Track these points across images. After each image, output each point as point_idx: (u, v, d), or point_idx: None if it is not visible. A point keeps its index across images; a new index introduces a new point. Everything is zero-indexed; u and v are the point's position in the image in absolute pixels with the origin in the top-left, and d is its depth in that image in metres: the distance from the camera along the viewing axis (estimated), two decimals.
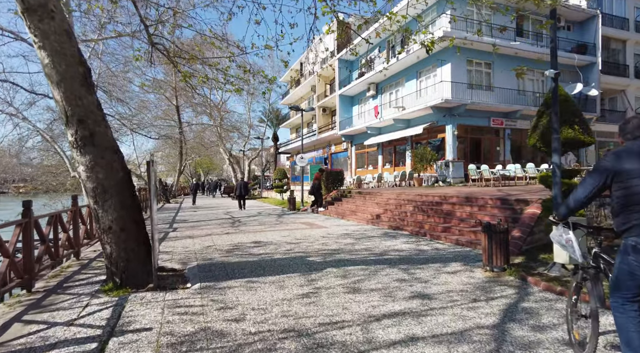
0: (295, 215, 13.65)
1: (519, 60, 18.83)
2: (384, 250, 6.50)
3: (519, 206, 7.09)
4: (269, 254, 6.32)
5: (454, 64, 17.42)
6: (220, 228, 10.04)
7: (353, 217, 11.23)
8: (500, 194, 8.70)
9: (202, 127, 36.89)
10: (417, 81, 19.94)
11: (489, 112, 18.12)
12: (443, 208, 8.76)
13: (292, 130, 43.07)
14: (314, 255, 6.13)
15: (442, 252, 6.30)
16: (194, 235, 8.79)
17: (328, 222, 10.83)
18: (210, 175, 67.44)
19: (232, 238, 8.15)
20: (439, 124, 18.15)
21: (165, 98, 28.62)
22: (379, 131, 23.05)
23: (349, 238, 7.82)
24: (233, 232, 9.20)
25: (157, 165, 48.25)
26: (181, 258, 6.19)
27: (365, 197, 12.72)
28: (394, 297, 3.97)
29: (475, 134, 18.49)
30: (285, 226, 10.21)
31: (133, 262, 4.53)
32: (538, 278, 4.41)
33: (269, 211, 15.74)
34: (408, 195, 10.74)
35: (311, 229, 9.40)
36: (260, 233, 8.85)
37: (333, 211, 12.97)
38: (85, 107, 4.22)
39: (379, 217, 10.16)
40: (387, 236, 7.96)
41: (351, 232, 8.76)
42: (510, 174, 14.47)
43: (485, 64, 18.46)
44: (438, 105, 16.90)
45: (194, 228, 10.36)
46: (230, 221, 12.00)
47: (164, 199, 24.56)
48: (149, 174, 4.47)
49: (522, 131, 19.29)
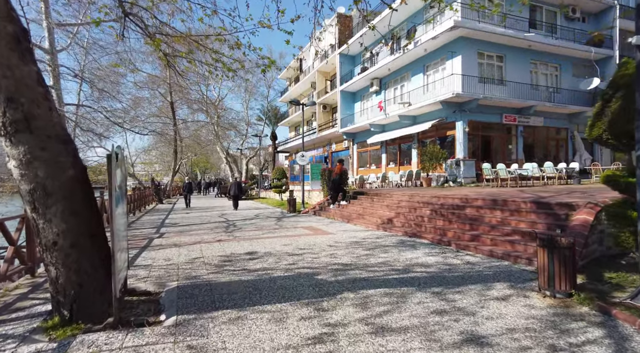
0: (296, 218, 12.53)
1: (532, 53, 17.84)
2: (406, 264, 5.40)
3: (562, 211, 6.00)
4: (268, 270, 5.20)
5: (465, 57, 16.34)
6: (212, 234, 8.92)
7: (361, 221, 10.13)
8: (531, 196, 7.62)
9: (198, 125, 35.72)
10: (424, 75, 18.85)
11: (501, 107, 17.06)
12: (467, 212, 7.67)
13: (291, 128, 41.96)
14: (323, 272, 5.02)
15: (477, 267, 5.20)
16: (181, 243, 7.67)
17: (333, 227, 9.73)
18: (207, 174, 66.25)
19: (224, 248, 7.03)
20: (448, 120, 17.08)
21: (160, 94, 27.45)
22: (382, 128, 21.97)
23: (361, 248, 6.71)
24: (226, 239, 8.08)
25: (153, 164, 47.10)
26: (160, 275, 5.06)
27: (373, 198, 11.62)
28: (440, 342, 2.88)
29: (486, 131, 17.42)
30: (286, 232, 9.10)
31: (87, 288, 3.41)
32: (627, 312, 3.32)
33: (267, 213, 14.62)
34: (422, 197, 9.65)
35: (315, 236, 8.29)
36: (258, 241, 7.73)
37: (337, 214, 11.87)
38: (18, 81, 3.10)
39: (390, 221, 9.06)
40: (405, 246, 6.86)
41: (361, 239, 7.65)
42: (528, 173, 13.40)
43: (497, 57, 17.38)
44: (448, 100, 15.82)
45: (182, 233, 9.24)
46: (224, 225, 10.87)
47: (156, 200, 23.40)
48: (109, 172, 3.36)
49: (535, 128, 18.27)
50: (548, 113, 17.97)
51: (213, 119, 35.33)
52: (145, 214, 15.92)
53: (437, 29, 16.13)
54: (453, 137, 17.14)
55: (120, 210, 3.77)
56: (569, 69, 18.77)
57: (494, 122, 17.24)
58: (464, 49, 16.34)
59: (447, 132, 17.50)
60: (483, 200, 7.73)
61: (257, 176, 36.17)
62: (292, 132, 41.64)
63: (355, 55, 25.83)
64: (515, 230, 6.18)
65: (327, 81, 30.16)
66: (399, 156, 21.36)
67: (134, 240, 8.28)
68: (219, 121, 35.91)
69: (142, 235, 9.10)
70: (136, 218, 13.95)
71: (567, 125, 18.79)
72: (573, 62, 18.81)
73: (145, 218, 13.72)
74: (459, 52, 16.28)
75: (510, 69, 17.41)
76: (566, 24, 18.67)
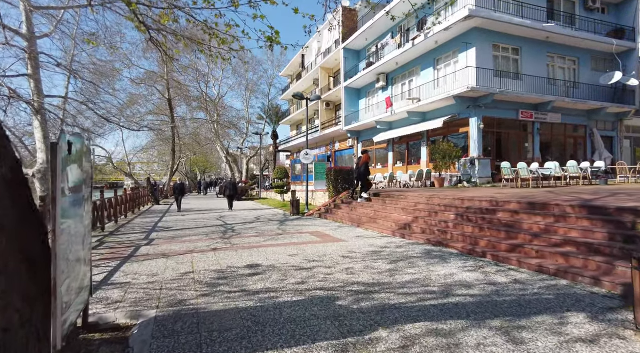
0: (300, 221, 11.53)
1: (549, 46, 16.82)
2: (442, 284, 4.40)
3: (626, 218, 4.99)
4: (272, 292, 4.20)
5: (479, 49, 15.32)
6: (208, 241, 7.92)
7: (373, 225, 9.12)
8: (573, 199, 6.62)
9: (198, 124, 34.73)
10: (435, 70, 17.84)
11: (517, 103, 16.05)
12: (499, 217, 6.66)
13: (293, 127, 41.00)
14: (341, 296, 4.02)
15: (531, 287, 4.20)
16: (171, 253, 6.67)
17: (343, 233, 8.72)
18: (208, 174, 65.30)
19: (220, 259, 6.03)
20: (461, 116, 16.07)
21: (157, 91, 26.47)
22: (389, 126, 20.96)
23: (381, 260, 5.71)
24: (223, 248, 7.08)
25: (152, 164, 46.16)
26: (138, 298, 4.06)
27: (385, 200, 10.61)
28: None
29: (501, 129, 16.40)
30: (290, 238, 8.09)
31: (18, 333, 2.41)
32: None
33: (268, 216, 13.62)
34: (442, 199, 8.64)
35: (324, 244, 7.28)
36: (259, 251, 6.73)
37: (346, 217, 10.86)
38: None
39: (408, 227, 8.05)
40: (432, 257, 5.85)
41: (379, 249, 6.65)
42: (551, 173, 12.39)
43: (513, 50, 16.36)
44: (462, 94, 14.81)
45: (174, 240, 8.23)
46: (221, 230, 9.87)
47: (152, 200, 22.41)
48: (53, 169, 2.37)
49: (552, 126, 17.25)
50: (566, 109, 16.94)
51: (213, 117, 34.35)
52: (139, 216, 14.93)
53: (450, 19, 15.11)
54: (466, 134, 16.12)
55: (74, 223, 2.76)
56: (587, 62, 17.73)
57: (510, 118, 16.23)
58: (479, 41, 15.32)
59: (460, 129, 16.48)
60: (519, 203, 6.72)
61: (258, 176, 35.20)
62: (293, 130, 40.66)
63: (360, 50, 24.83)
64: (567, 240, 5.17)
65: (331, 78, 29.16)
66: (407, 155, 20.35)
67: (118, 249, 7.29)
68: (219, 119, 34.94)
69: (128, 242, 8.10)
70: (127, 221, 12.96)
71: (586, 122, 17.76)
72: (592, 55, 17.78)
73: (137, 221, 12.73)
74: (473, 45, 15.26)
75: (527, 63, 16.39)
76: (585, 15, 17.64)
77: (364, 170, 11.69)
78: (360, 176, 11.81)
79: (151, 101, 26.33)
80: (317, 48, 31.67)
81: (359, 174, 11.81)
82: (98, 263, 5.95)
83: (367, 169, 11.74)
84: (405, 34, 18.84)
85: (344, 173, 13.85)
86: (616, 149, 18.35)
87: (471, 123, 15.62)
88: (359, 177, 11.87)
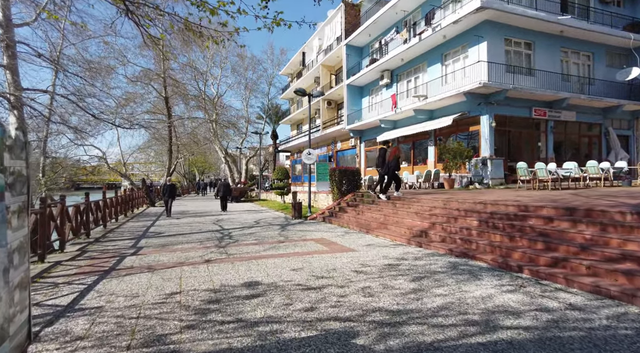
0: (303, 226, 10.71)
1: (563, 40, 16.04)
2: (482, 311, 3.58)
3: None
4: (275, 324, 3.38)
5: (491, 43, 14.53)
6: (201, 250, 7.10)
7: (384, 231, 8.30)
8: (616, 204, 5.81)
9: (196, 123, 33.86)
10: (443, 65, 17.04)
11: (530, 100, 15.26)
12: (532, 224, 5.85)
13: (293, 126, 40.20)
14: (362, 330, 3.21)
15: (596, 316, 3.38)
16: (158, 266, 5.85)
17: (351, 240, 7.91)
18: (207, 174, 64.47)
19: (212, 275, 5.21)
20: (471, 114, 15.27)
21: (154, 89, 25.64)
22: (394, 125, 20.17)
23: (401, 276, 4.89)
24: (217, 259, 6.26)
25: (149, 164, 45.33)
26: (105, 333, 3.24)
27: (396, 204, 9.79)
28: None
29: (513, 127, 15.59)
30: (293, 247, 7.27)
31: None
32: None
33: (268, 219, 12.80)
34: (461, 203, 7.84)
35: (332, 254, 6.46)
36: (258, 263, 5.91)
37: (353, 222, 10.04)
38: None
39: (425, 234, 7.24)
40: (460, 272, 5.04)
41: (396, 261, 5.83)
42: (570, 174, 11.60)
43: (525, 44, 15.58)
44: (473, 91, 14.01)
45: (164, 248, 7.41)
46: (217, 236, 9.05)
47: (148, 202, 21.58)
48: None
49: (566, 124, 16.46)
50: (580, 107, 16.16)
51: (211, 117, 33.52)
52: (131, 219, 14.10)
53: (460, 12, 14.32)
54: (477, 133, 15.33)
55: None
56: (602, 57, 16.95)
57: (522, 116, 15.43)
58: (490, 35, 14.53)
59: (470, 127, 15.68)
60: (555, 209, 5.91)
61: (257, 176, 34.39)
62: (293, 130, 39.86)
63: (363, 47, 24.03)
64: (625, 254, 4.36)
65: (332, 75, 28.38)
66: (413, 155, 19.54)
67: (99, 259, 6.46)
68: (218, 118, 34.10)
69: (112, 251, 7.28)
70: (118, 225, 12.13)
71: (601, 120, 16.97)
72: (607, 50, 17.00)
73: (128, 226, 11.90)
74: (484, 38, 14.46)
75: (540, 58, 15.61)
76: (600, 7, 16.87)
77: (394, 165, 10.16)
78: (389, 172, 10.25)
79: (147, 100, 25.46)
80: (317, 45, 30.88)
81: (388, 169, 10.23)
82: (71, 279, 5.14)
83: (398, 163, 10.34)
84: (412, 28, 18.04)
85: (348, 173, 13.03)
86: (632, 149, 17.57)
87: (482, 121, 14.82)
88: (389, 173, 10.29)
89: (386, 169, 10.25)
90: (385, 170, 10.30)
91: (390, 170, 10.21)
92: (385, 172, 10.34)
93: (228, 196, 17.95)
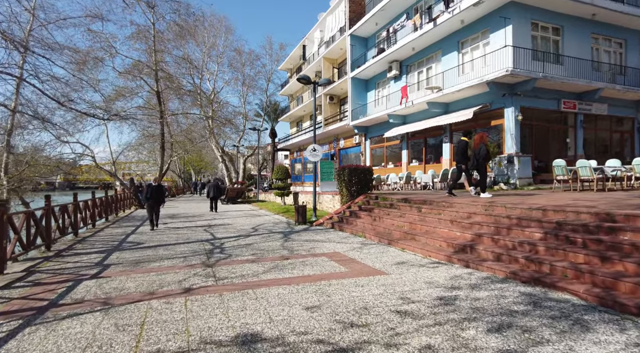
0: (310, 234, 9.11)
1: (594, 25, 14.51)
2: None
3: None
4: None
5: (516, 27, 12.99)
6: (183, 271, 5.50)
7: (411, 244, 6.70)
8: None
9: (191, 120, 32.14)
10: (459, 54, 15.48)
11: (559, 91, 13.74)
12: (631, 240, 4.29)
13: (292, 124, 38.60)
14: None
15: None
16: (118, 299, 4.23)
17: (373, 255, 6.32)
18: (204, 174, 62.73)
19: (190, 319, 3.61)
20: (494, 106, 13.73)
21: (145, 82, 23.94)
22: (403, 120, 18.62)
23: (469, 323, 3.30)
24: (201, 288, 4.66)
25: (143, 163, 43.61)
26: None
27: (421, 208, 8.20)
28: None
29: (539, 121, 14.04)
30: (302, 266, 5.67)
31: None
32: None
33: (268, 225, 11.19)
34: (510, 209, 6.27)
35: (356, 278, 4.87)
36: (257, 295, 4.31)
37: (369, 229, 8.46)
38: None
39: (470, 249, 5.66)
40: (550, 315, 3.46)
41: (447, 291, 4.24)
42: (617, 173, 10.06)
43: (553, 29, 14.04)
44: (497, 80, 12.46)
45: (136, 268, 5.80)
46: (207, 248, 7.44)
47: (136, 204, 19.92)
48: None
49: (596, 118, 14.94)
50: (612, 99, 14.66)
51: (207, 113, 31.83)
52: (113, 224, 12.47)
53: None
54: (499, 127, 13.79)
55: None
56: (635, 44, 15.45)
57: (549, 109, 13.90)
58: (516, 18, 12.99)
59: (492, 121, 14.14)
60: None
61: (255, 176, 32.76)
62: (293, 127, 38.24)
63: (368, 37, 22.44)
64: None
65: (335, 69, 26.80)
66: (425, 152, 17.98)
67: (44, 286, 4.84)
68: (214, 115, 32.40)
69: (69, 272, 5.66)
70: (94, 232, 10.48)
71: (634, 114, 15.48)
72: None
73: (106, 233, 10.26)
74: (510, 20, 12.90)
75: (569, 45, 14.07)
76: None
77: (485, 154, 8.26)
78: (479, 163, 8.39)
79: (138, 93, 23.74)
80: (319, 38, 29.27)
81: (477, 160, 8.35)
82: None
83: (488, 152, 8.44)
84: (426, 13, 16.45)
85: (359, 172, 11.44)
86: None
87: (506, 114, 13.28)
88: (479, 165, 8.40)
89: (474, 161, 8.43)
90: (474, 163, 8.49)
91: (477, 160, 8.35)
92: (474, 165, 8.54)
93: (219, 197, 17.68)
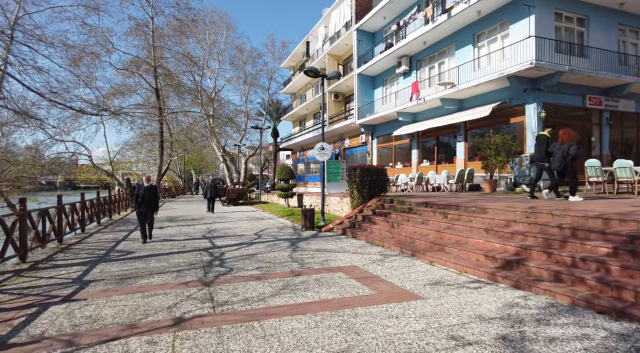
0: (320, 242, 8.19)
1: (621, 16, 13.57)
2: None
3: None
4: None
5: (539, 17, 12.06)
6: (176, 290, 4.60)
7: (441, 256, 5.78)
8: None
9: (191, 119, 31.27)
10: (475, 47, 14.55)
11: (584, 86, 12.79)
12: None
13: (295, 123, 37.70)
14: None
15: None
16: (86, 337, 3.32)
17: (398, 270, 5.41)
18: (205, 174, 61.85)
19: None
20: (514, 103, 12.80)
21: (143, 79, 23.07)
22: (413, 117, 17.69)
23: None
24: (195, 318, 3.75)
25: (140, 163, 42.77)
26: None
27: (447, 214, 7.27)
28: None
29: (563, 118, 13.10)
30: (318, 286, 4.75)
31: None
32: None
33: (273, 231, 10.27)
34: (559, 217, 5.35)
35: (386, 305, 3.96)
36: (265, 332, 3.40)
37: (387, 237, 7.54)
38: None
39: (517, 265, 4.74)
40: None
41: (507, 326, 3.32)
42: None
43: (578, 20, 13.10)
44: (520, 73, 11.54)
45: (120, 287, 4.89)
46: (205, 260, 6.54)
47: (132, 205, 19.01)
48: None
49: (622, 115, 14.00)
50: (637, 95, 13.71)
51: (208, 112, 30.95)
52: (105, 228, 11.59)
53: None
54: (519, 125, 12.86)
55: None
56: None
57: (573, 105, 12.97)
58: (538, 7, 12.06)
59: (511, 119, 13.20)
60: None
61: (257, 176, 31.88)
62: (296, 127, 37.34)
63: (376, 32, 21.51)
64: None
65: (340, 66, 25.87)
66: (437, 152, 17.05)
67: (1, 313, 3.94)
68: (215, 114, 31.52)
69: (38, 291, 4.76)
70: (82, 237, 9.58)
71: None
72: None
73: (94, 239, 9.36)
74: (535, 8, 11.97)
75: (594, 37, 13.14)
76: None
77: (575, 151, 7.14)
78: (566, 162, 7.24)
79: (134, 90, 22.86)
80: (323, 33, 28.37)
81: (564, 158, 7.23)
82: None
83: (578, 149, 7.24)
84: (438, 4, 15.53)
85: (372, 173, 10.52)
86: None
87: (527, 111, 12.35)
88: (566, 163, 7.25)
89: (561, 159, 7.27)
90: (560, 162, 7.29)
91: (564, 159, 7.25)
92: (560, 164, 7.33)
93: (216, 198, 17.70)
